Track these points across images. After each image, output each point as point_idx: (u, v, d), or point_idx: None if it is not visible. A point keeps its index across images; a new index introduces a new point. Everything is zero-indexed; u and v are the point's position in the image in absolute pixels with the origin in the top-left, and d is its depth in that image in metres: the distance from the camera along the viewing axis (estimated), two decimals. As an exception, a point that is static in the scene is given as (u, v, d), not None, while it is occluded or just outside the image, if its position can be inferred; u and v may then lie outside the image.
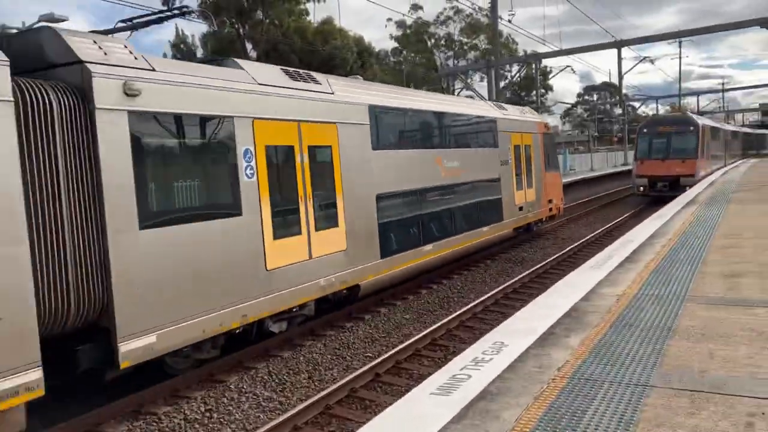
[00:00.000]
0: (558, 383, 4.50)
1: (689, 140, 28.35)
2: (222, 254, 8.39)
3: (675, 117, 32.93)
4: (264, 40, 38.14)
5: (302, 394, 8.41)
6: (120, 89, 7.18)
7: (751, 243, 9.99)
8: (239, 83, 8.98)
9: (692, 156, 28.10)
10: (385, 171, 12.21)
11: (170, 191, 7.85)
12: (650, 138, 29.18)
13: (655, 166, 28.42)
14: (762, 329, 5.49)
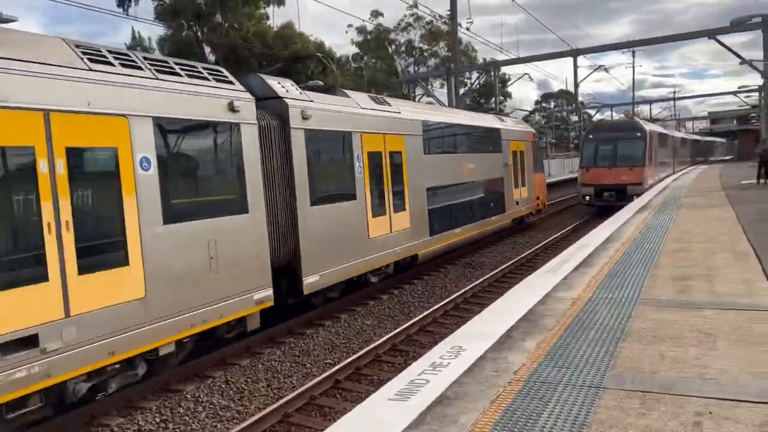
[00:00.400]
0: (514, 387, 4.54)
1: (636, 147, 26.88)
2: (348, 225, 12.23)
3: (621, 122, 31.72)
4: (223, 43, 37.70)
5: (260, 402, 8.30)
6: (300, 115, 10.91)
7: (700, 247, 10.31)
8: (352, 108, 12.83)
9: (639, 163, 26.64)
10: (432, 170, 16.00)
11: (324, 182, 11.62)
12: (596, 144, 27.62)
13: (601, 174, 26.82)
14: (710, 330, 5.66)
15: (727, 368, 4.68)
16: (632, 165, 26.44)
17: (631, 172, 26.32)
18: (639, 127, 27.89)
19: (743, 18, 23.13)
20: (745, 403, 4.03)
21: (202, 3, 38.44)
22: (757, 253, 9.44)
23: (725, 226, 12.65)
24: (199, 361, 9.27)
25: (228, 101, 9.15)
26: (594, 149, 27.54)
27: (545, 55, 32.39)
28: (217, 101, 9.03)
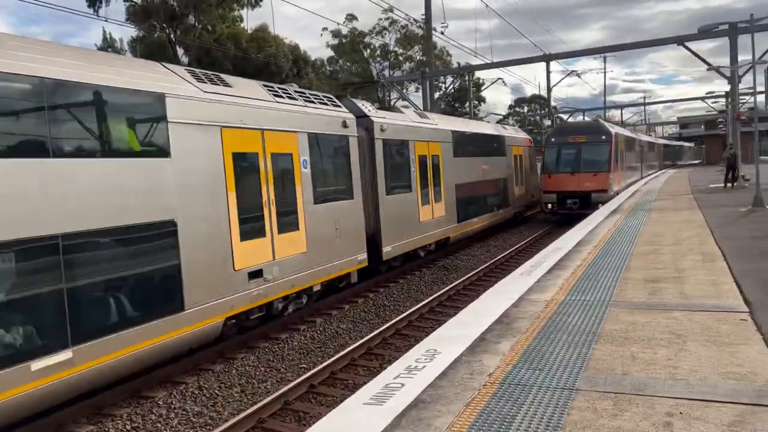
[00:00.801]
0: (489, 389, 4.56)
1: (601, 151, 25.25)
2: (406, 211, 16.26)
3: (585, 125, 29.05)
4: (196, 45, 37.33)
5: (234, 408, 8.21)
6: (380, 128, 14.96)
7: (670, 249, 10.50)
8: (407, 121, 16.95)
9: (604, 169, 24.99)
10: (458, 170, 20.03)
11: (393, 178, 15.60)
12: (558, 148, 25.89)
13: (563, 181, 25.15)
14: (680, 332, 5.76)
15: (697, 369, 4.76)
16: (597, 170, 24.90)
17: (596, 178, 24.71)
18: (604, 130, 26.20)
19: (711, 25, 23.63)
20: (715, 403, 4.10)
21: (175, 4, 38.04)
22: (724, 255, 9.64)
23: (694, 229, 12.90)
24: (171, 367, 9.14)
25: (342, 120, 13.13)
26: (556, 154, 25.88)
27: (519, 60, 32.71)
28: (337, 120, 13.00)
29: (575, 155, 25.43)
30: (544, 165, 26.33)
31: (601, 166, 25.06)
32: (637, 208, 18.45)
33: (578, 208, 24.18)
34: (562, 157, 25.67)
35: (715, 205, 18.26)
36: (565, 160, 25.58)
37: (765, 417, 3.85)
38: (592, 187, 24.56)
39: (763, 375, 4.56)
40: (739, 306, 6.55)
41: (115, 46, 43.60)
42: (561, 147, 25.81)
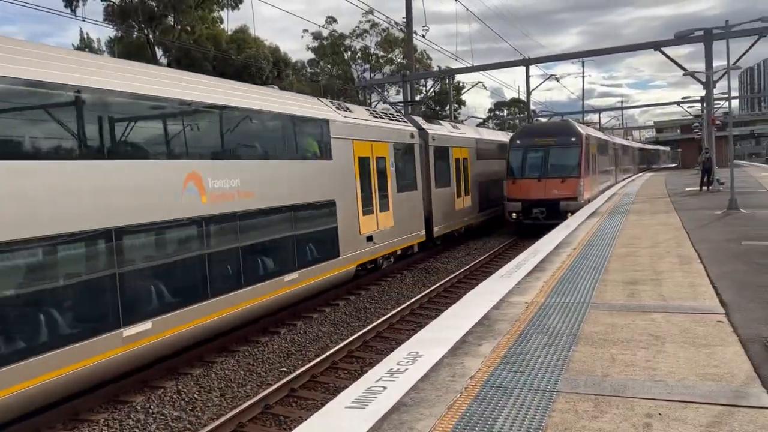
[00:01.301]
0: (471, 392, 4.57)
1: (570, 154, 22.95)
2: (447, 201, 21.09)
3: (553, 125, 26.75)
4: (175, 46, 36.99)
5: (214, 412, 8.12)
6: (432, 138, 19.98)
7: (648, 252, 10.62)
8: (447, 131, 22.08)
9: (574, 174, 22.64)
10: (479, 170, 25.01)
11: (439, 175, 20.48)
12: (524, 151, 23.67)
13: (529, 187, 22.84)
14: (658, 333, 5.82)
15: (675, 370, 4.82)
16: (566, 176, 22.57)
17: (565, 184, 22.40)
18: (573, 132, 23.84)
19: (687, 31, 24.00)
20: (693, 404, 4.15)
21: (154, 5, 37.67)
22: (701, 257, 9.79)
23: (671, 232, 13.08)
24: (149, 371, 9.03)
25: (410, 132, 18.35)
26: (521, 158, 23.62)
27: (498, 64, 32.95)
28: (407, 133, 18.25)
29: (542, 159, 23.19)
30: (508, 170, 23.95)
31: (571, 171, 22.71)
32: (615, 211, 18.66)
33: (545, 218, 21.88)
34: (528, 161, 23.43)
35: (692, 208, 18.54)
36: (530, 165, 23.34)
37: (742, 417, 3.91)
38: (561, 194, 22.30)
39: (739, 376, 4.62)
40: (716, 308, 6.64)
41: (93, 46, 43.06)
42: (526, 150, 23.60)
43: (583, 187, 22.69)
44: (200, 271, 9.40)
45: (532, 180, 22.93)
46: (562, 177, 22.58)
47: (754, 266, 8.83)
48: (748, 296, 7.05)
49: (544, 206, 22.30)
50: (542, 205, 22.35)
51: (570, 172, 22.75)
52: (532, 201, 22.58)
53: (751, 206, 17.31)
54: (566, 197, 22.21)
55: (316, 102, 14.24)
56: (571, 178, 22.61)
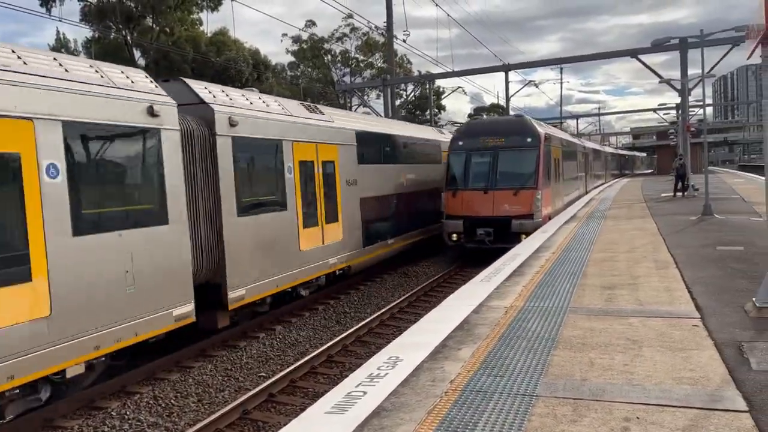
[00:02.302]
0: (451, 396, 4.57)
1: (525, 159, 18.20)
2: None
3: (505, 123, 20.57)
4: (154, 48, 36.64)
5: (191, 418, 8.02)
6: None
7: (625, 257, 10.75)
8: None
9: (530, 184, 17.86)
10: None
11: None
12: (466, 155, 18.78)
13: (472, 201, 18.06)
14: (636, 338, 5.89)
15: (652, 374, 4.87)
16: (519, 187, 17.78)
17: (518, 198, 17.65)
18: (529, 131, 18.78)
19: (663, 39, 24.41)
20: (670, 407, 4.20)
21: (132, 5, 37.29)
22: (676, 262, 9.93)
23: (647, 237, 13.25)
24: (125, 376, 8.89)
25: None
26: (463, 163, 18.74)
27: (478, 70, 33.16)
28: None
29: (489, 165, 18.34)
30: (447, 178, 18.98)
31: (525, 181, 17.89)
32: (593, 216, 18.86)
33: (493, 240, 17.38)
34: (472, 168, 18.60)
35: (667, 213, 18.82)
36: (475, 173, 18.49)
37: (717, 421, 3.96)
38: (513, 210, 17.58)
39: (714, 380, 4.69)
40: (691, 312, 6.74)
41: (69, 46, 42.47)
42: (470, 153, 18.69)
43: (541, 201, 17.82)
44: None
45: (477, 192, 18.06)
46: (514, 188, 17.77)
47: (729, 271, 8.97)
48: (723, 301, 7.17)
49: (491, 226, 17.56)
50: (489, 225, 17.60)
51: (525, 182, 17.86)
52: (477, 219, 17.77)
53: (725, 212, 17.61)
54: (519, 214, 17.50)
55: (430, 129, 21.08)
56: (526, 189, 17.73)
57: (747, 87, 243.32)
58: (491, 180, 18.17)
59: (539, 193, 17.78)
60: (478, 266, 14.86)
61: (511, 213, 17.57)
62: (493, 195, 17.88)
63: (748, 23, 7.34)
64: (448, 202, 18.48)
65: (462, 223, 17.95)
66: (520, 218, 17.43)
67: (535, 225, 17.22)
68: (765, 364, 4.99)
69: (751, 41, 7.06)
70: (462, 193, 18.28)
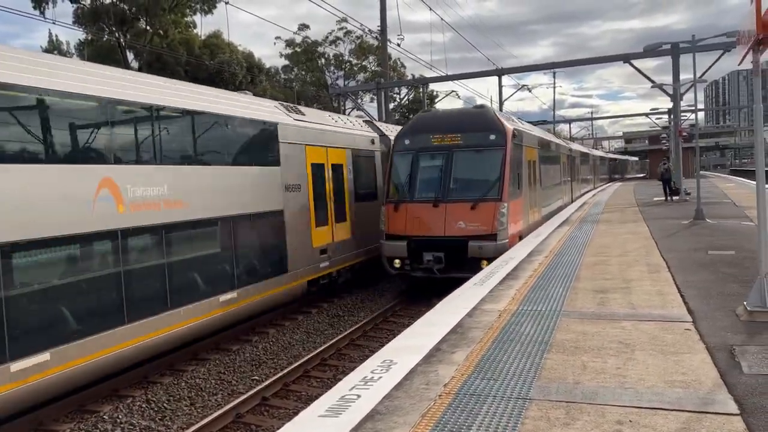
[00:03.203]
0: (444, 399, 4.58)
1: (488, 162, 14.38)
2: None
3: (461, 115, 16.28)
4: (147, 50, 36.56)
5: (184, 421, 8.00)
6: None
7: (617, 261, 10.80)
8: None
9: (492, 195, 14.02)
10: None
11: None
12: (413, 157, 14.88)
13: (419, 217, 14.15)
14: (628, 341, 5.91)
15: (645, 377, 4.90)
16: (479, 198, 13.91)
17: (477, 212, 13.75)
18: (493, 125, 14.75)
19: (655, 44, 24.56)
20: (662, 410, 4.22)
21: (125, 8, 37.21)
22: (668, 266, 9.98)
23: (639, 241, 13.31)
24: (117, 380, 8.86)
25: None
26: (408, 168, 14.85)
27: (472, 74, 33.25)
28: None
29: (441, 170, 14.43)
30: (388, 188, 14.97)
31: (487, 190, 14.07)
32: (585, 220, 18.93)
33: (444, 269, 13.63)
34: (419, 174, 14.73)
35: (659, 217, 18.91)
36: (423, 180, 14.68)
37: (709, 424, 3.99)
38: (470, 228, 13.70)
39: (706, 383, 4.72)
40: (683, 316, 6.78)
41: (62, 49, 42.30)
42: (417, 155, 14.78)
43: (507, 217, 13.83)
44: None
45: (425, 205, 14.10)
46: (472, 200, 13.82)
47: (720, 275, 9.03)
48: (715, 304, 7.21)
49: (442, 249, 13.67)
50: (440, 247, 13.69)
51: (486, 192, 13.99)
52: (425, 240, 13.84)
53: (716, 216, 17.72)
54: (478, 234, 13.52)
55: None
56: (487, 201, 13.80)
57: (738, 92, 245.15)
58: (443, 189, 14.16)
59: (504, 206, 13.77)
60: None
61: (467, 232, 13.59)
62: (446, 209, 13.88)
63: (739, 29, 7.41)
64: (389, 218, 14.41)
65: (406, 245, 13.96)
66: (480, 239, 13.45)
67: (499, 248, 13.25)
68: (756, 368, 5.03)
69: (742, 47, 7.12)
70: (406, 206, 14.27)
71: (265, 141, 12.48)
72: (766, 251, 6.75)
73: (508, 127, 14.86)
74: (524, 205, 16.04)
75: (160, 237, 9.17)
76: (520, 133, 16.22)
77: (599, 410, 4.28)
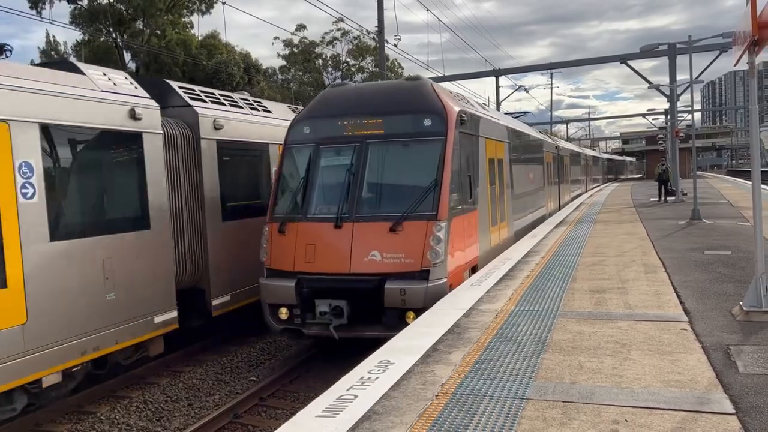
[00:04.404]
0: (442, 399, 4.59)
1: (420, 158, 9.65)
2: None
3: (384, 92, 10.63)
4: (144, 51, 36.54)
5: (181, 422, 8.00)
6: None
7: (614, 261, 10.82)
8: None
9: (424, 208, 9.07)
10: None
11: None
12: (312, 152, 9.98)
13: (313, 243, 9.24)
14: (625, 341, 5.93)
15: (641, 377, 4.91)
16: (402, 215, 9.01)
17: (399, 237, 8.95)
18: (427, 105, 9.86)
19: (651, 45, 24.65)
20: (658, 410, 4.24)
21: (122, 8, 37.19)
22: (665, 266, 10.01)
23: (636, 241, 13.35)
24: (114, 381, 8.85)
25: None
26: (303, 168, 10.05)
27: (469, 74, 33.34)
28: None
29: (349, 172, 9.64)
30: (273, 197, 10.04)
31: (416, 203, 9.14)
32: (582, 220, 18.97)
33: (348, 325, 8.93)
34: (317, 178, 9.93)
35: (656, 218, 18.95)
36: (323, 187, 9.90)
37: (705, 423, 4.01)
38: (386, 263, 8.93)
39: (702, 383, 4.74)
40: (680, 316, 6.80)
41: (59, 49, 42.26)
42: (318, 149, 10.01)
43: (446, 243, 9.03)
44: None
45: (323, 225, 9.38)
46: (392, 218, 9.07)
47: (716, 275, 9.06)
48: (711, 305, 7.24)
49: (345, 294, 9.01)
50: (342, 292, 9.02)
51: (414, 205, 9.12)
52: (321, 279, 9.09)
53: (713, 216, 17.77)
54: (401, 271, 8.88)
55: None
56: (415, 219, 9.05)
57: (735, 93, 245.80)
58: (351, 202, 9.24)
59: (441, 226, 8.91)
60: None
61: (384, 268, 8.79)
62: (353, 231, 9.03)
63: (735, 30, 7.44)
64: (272, 245, 9.47)
65: (294, 286, 8.98)
66: (402, 278, 8.70)
67: (432, 293, 8.55)
68: (752, 367, 5.05)
69: (737, 48, 7.15)
70: (297, 226, 9.35)
71: None
72: (761, 251, 6.78)
73: (452, 108, 9.81)
74: (481, 222, 11.01)
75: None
76: (475, 120, 11.20)
77: (595, 410, 4.29)
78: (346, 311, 8.86)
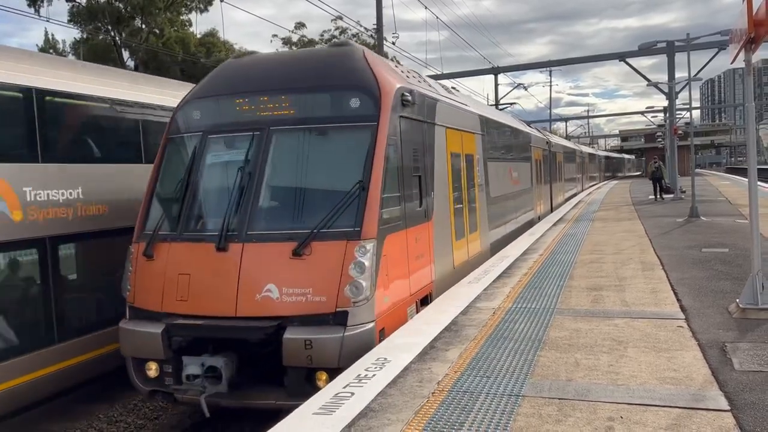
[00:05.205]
0: (438, 397, 4.60)
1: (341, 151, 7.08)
2: None
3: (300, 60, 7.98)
4: (142, 49, 36.50)
5: (179, 420, 8.01)
6: None
7: (612, 258, 10.84)
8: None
9: (343, 223, 6.37)
10: None
11: None
12: (197, 144, 7.29)
13: (188, 273, 6.56)
14: (621, 339, 5.95)
15: (637, 374, 4.93)
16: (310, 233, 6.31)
17: (304, 264, 6.25)
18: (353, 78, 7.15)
19: (650, 43, 24.65)
20: (653, 407, 4.26)
21: (121, 6, 37.15)
22: (662, 264, 10.02)
23: (634, 239, 13.36)
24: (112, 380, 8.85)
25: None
26: (185, 167, 7.27)
27: (468, 72, 33.35)
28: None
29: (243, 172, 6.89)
30: (143, 210, 7.31)
31: (331, 214, 6.40)
32: (581, 218, 18.99)
33: (233, 391, 6.24)
34: (200, 180, 7.22)
35: (654, 215, 18.97)
36: (206, 192, 7.30)
37: (700, 420, 4.02)
38: (286, 303, 6.21)
39: (697, 380, 4.75)
40: (676, 313, 6.81)
41: (57, 47, 42.20)
42: (206, 140, 7.32)
43: (375, 271, 6.36)
44: None
45: (202, 246, 6.73)
46: (295, 237, 6.38)
47: (714, 273, 9.08)
48: (707, 302, 7.25)
49: (229, 346, 6.41)
50: (225, 342, 6.41)
51: (329, 218, 6.41)
52: (194, 325, 6.43)
53: (711, 214, 17.79)
54: (305, 313, 6.20)
55: None
56: (328, 238, 6.35)
57: (734, 90, 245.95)
58: (241, 214, 6.76)
59: (366, 248, 6.37)
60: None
61: (283, 310, 6.30)
62: (242, 256, 6.54)
63: (732, 27, 7.45)
64: (138, 275, 7.05)
65: (161, 334, 6.53)
66: (309, 324, 6.23)
67: (356, 343, 6.12)
68: (747, 364, 5.06)
69: (734, 45, 7.16)
70: (168, 248, 6.94)
71: None
72: (758, 249, 6.79)
73: (389, 84, 7.26)
74: (438, 237, 8.56)
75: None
76: (428, 103, 8.68)
77: (591, 407, 4.31)
78: (227, 374, 6.17)
